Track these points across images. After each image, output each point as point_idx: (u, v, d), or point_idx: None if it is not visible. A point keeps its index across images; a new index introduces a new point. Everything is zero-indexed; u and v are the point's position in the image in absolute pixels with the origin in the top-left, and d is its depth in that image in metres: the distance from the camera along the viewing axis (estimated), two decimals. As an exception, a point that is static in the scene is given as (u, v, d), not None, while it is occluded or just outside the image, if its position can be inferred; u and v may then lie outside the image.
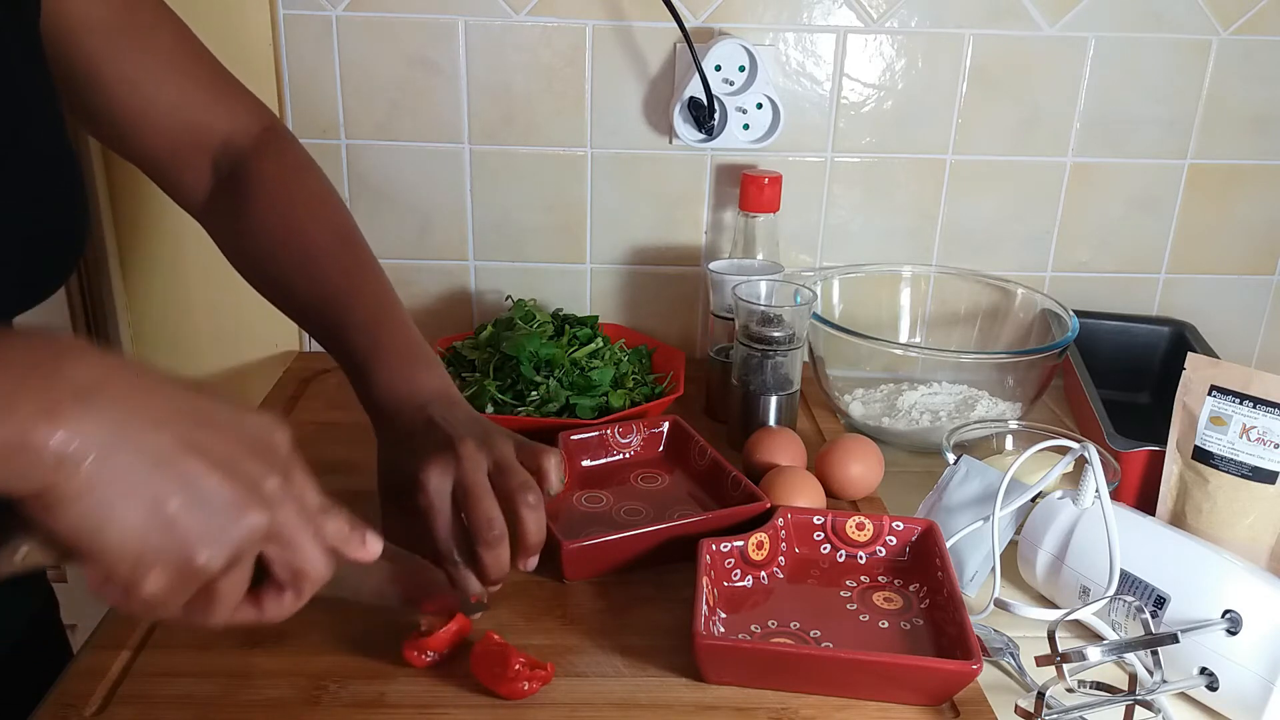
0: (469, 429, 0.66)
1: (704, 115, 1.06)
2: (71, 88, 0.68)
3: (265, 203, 0.75)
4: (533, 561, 0.67)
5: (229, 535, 0.43)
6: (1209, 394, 0.79)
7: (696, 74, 1.04)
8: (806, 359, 0.97)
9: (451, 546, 0.64)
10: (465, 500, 0.64)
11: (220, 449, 0.43)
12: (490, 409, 0.95)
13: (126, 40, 0.70)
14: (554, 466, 0.67)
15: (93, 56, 0.68)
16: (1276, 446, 0.75)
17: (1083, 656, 0.60)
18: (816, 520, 0.77)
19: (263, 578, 0.48)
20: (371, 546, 0.52)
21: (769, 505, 0.78)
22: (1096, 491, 0.74)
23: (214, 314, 1.15)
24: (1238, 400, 0.77)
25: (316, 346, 0.78)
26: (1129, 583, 0.70)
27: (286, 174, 0.77)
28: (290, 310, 0.76)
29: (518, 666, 0.62)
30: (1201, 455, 0.79)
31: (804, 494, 0.81)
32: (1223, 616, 0.64)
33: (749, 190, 1.03)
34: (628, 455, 0.91)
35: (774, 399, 0.94)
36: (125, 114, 0.71)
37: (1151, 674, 0.62)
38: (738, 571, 0.74)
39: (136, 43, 0.71)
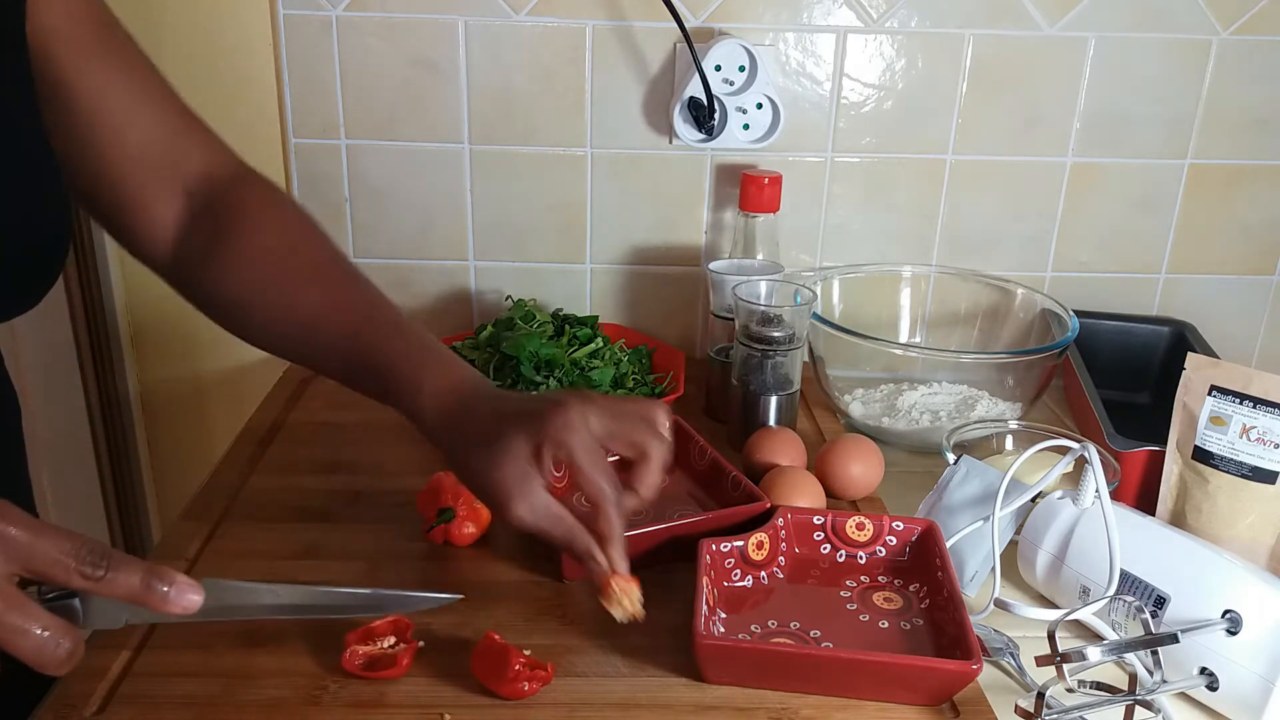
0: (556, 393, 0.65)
1: (704, 115, 1.06)
2: (43, 104, 0.65)
3: (262, 224, 0.72)
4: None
5: None
6: (1209, 394, 0.79)
7: (696, 74, 1.04)
8: (806, 359, 0.97)
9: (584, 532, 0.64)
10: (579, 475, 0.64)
11: None
12: (490, 409, 0.94)
13: (102, 59, 0.67)
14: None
15: (65, 69, 0.65)
16: (1276, 446, 0.75)
17: (1083, 656, 0.60)
18: (816, 520, 0.77)
19: None
20: (187, 596, 0.51)
21: (769, 505, 0.78)
22: (1096, 491, 0.74)
23: (214, 314, 1.15)
24: (1238, 400, 0.77)
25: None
26: (1129, 583, 0.70)
27: (277, 198, 0.75)
28: (290, 330, 0.71)
29: (518, 666, 0.62)
30: (1201, 455, 0.79)
31: (804, 494, 0.81)
32: (1223, 616, 0.64)
33: (749, 190, 1.03)
34: (628, 455, 0.91)
35: (774, 399, 0.94)
36: (96, 135, 0.68)
37: (1151, 674, 0.62)
38: (738, 571, 0.74)
39: (112, 62, 0.68)
